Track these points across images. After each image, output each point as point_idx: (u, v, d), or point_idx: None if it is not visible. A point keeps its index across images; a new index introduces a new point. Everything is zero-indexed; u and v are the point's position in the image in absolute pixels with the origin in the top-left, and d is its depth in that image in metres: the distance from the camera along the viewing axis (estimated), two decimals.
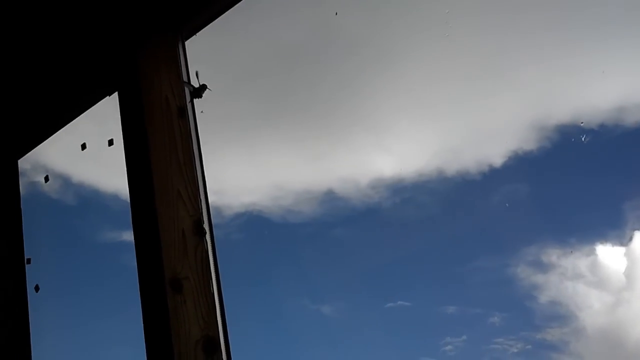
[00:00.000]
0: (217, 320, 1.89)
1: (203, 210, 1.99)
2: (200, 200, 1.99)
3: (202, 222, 1.98)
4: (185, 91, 2.08)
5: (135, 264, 1.92)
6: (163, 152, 2.01)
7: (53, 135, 2.82)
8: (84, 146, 2.54)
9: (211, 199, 2.12)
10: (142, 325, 1.90)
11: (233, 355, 1.88)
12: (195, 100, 2.10)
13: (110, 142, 2.36)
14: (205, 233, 1.97)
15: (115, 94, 2.23)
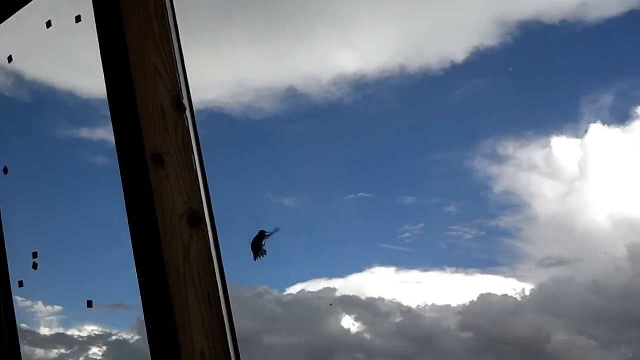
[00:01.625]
0: (200, 194, 1.92)
1: (182, 86, 1.98)
2: (179, 74, 1.97)
3: (181, 97, 1.97)
4: None
5: (113, 140, 1.91)
6: (137, 25, 1.96)
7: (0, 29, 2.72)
8: (49, 24, 2.46)
9: None
10: (124, 202, 1.90)
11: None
12: None
13: (78, 19, 2.29)
14: (185, 109, 1.97)
15: None
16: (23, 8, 2.52)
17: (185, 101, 1.95)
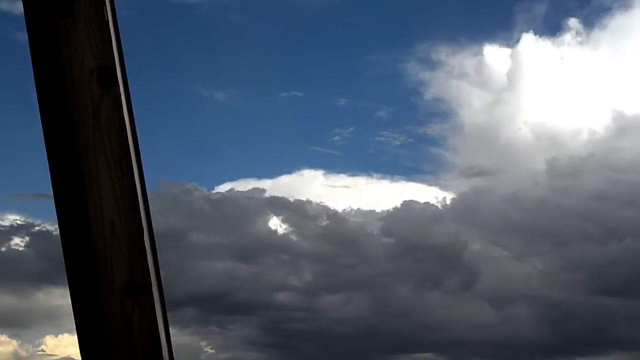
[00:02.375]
0: (113, 50, 1.74)
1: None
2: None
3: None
4: None
5: None
6: None
7: None
8: None
9: None
10: (30, 56, 1.71)
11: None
12: None
13: None
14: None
15: None
16: None
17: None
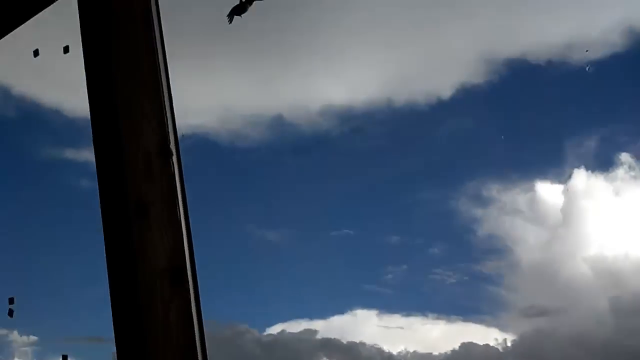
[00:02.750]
0: (184, 249, 1.80)
1: (169, 129, 1.86)
2: (167, 118, 1.86)
3: (168, 141, 1.86)
4: (152, 1, 1.92)
5: (97, 186, 1.78)
6: (126, 63, 1.85)
7: None
8: (36, 52, 2.33)
9: None
10: (105, 252, 1.78)
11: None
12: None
13: (66, 50, 2.17)
14: (172, 154, 1.85)
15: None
16: (18, 28, 2.42)
17: (172, 146, 1.83)
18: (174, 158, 1.85)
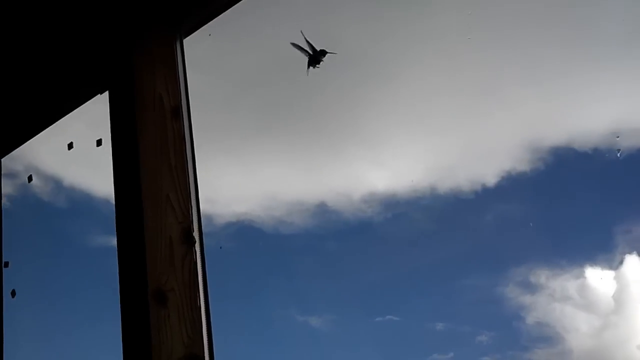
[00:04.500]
0: (202, 338, 1.83)
1: (193, 218, 1.93)
2: (191, 206, 1.93)
3: (191, 230, 1.92)
4: (181, 90, 2.02)
5: (117, 271, 1.85)
6: (153, 153, 1.95)
7: (44, 136, 2.76)
8: (70, 145, 2.47)
9: (203, 206, 2.06)
10: (121, 339, 1.83)
11: None
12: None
13: (99, 142, 2.30)
14: (195, 242, 1.91)
15: (107, 93, 2.17)
16: (66, 116, 2.56)
17: (195, 234, 1.90)
18: (197, 245, 1.91)
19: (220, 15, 2.07)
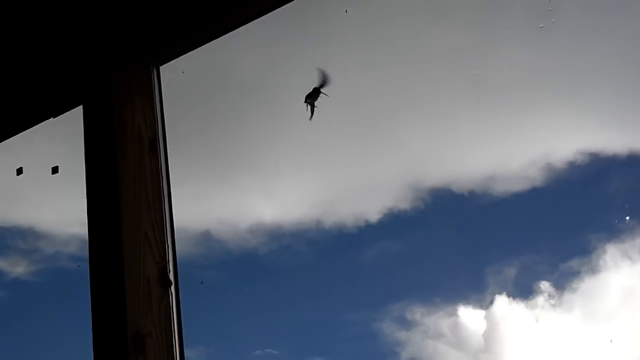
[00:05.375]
0: None
1: (169, 257, 1.80)
2: (168, 245, 1.80)
3: (168, 270, 1.79)
4: (158, 122, 1.89)
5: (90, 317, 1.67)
6: (133, 186, 1.80)
7: None
8: (20, 171, 2.22)
9: (75, 230, 1.91)
10: None
11: None
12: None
13: (55, 170, 2.08)
14: (171, 284, 1.78)
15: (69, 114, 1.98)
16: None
17: (171, 276, 1.76)
18: (173, 287, 1.78)
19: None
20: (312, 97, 2.48)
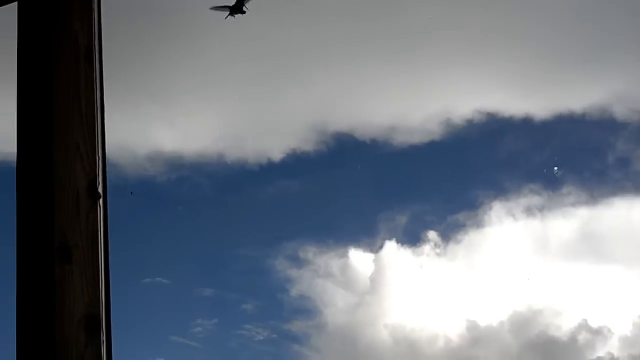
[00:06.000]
0: (101, 297, 1.67)
1: (99, 171, 1.74)
2: (98, 157, 1.74)
3: (97, 183, 1.74)
4: (95, 31, 1.80)
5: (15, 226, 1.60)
6: (66, 96, 1.72)
7: None
8: None
9: None
10: (16, 299, 1.59)
11: None
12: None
13: None
14: (100, 197, 1.73)
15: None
16: None
17: (100, 189, 1.72)
18: (101, 200, 1.74)
19: None
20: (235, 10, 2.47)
